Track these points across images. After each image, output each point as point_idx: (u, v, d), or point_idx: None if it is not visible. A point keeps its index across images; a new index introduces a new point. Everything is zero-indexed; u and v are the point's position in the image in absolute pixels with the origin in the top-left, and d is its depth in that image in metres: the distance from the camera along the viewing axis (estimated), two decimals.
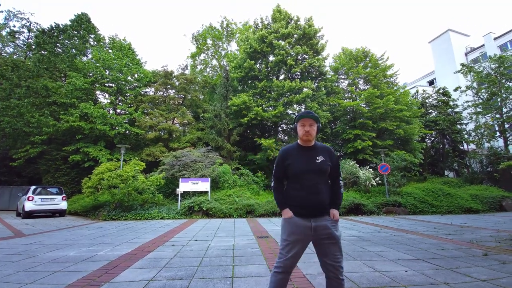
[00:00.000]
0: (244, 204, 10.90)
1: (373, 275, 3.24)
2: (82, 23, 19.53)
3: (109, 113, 17.20)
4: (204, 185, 12.02)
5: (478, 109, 17.47)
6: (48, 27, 18.57)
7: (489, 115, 17.15)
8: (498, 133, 17.06)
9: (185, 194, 12.21)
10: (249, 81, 18.75)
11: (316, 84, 17.52)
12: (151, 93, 20.23)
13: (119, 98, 18.51)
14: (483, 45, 28.34)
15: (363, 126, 16.44)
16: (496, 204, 11.55)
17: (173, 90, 19.95)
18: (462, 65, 18.37)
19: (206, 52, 27.56)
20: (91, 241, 5.81)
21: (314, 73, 17.99)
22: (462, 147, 19.47)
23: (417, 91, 22.78)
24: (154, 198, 11.73)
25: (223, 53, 26.96)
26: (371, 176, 13.17)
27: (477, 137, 17.72)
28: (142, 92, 19.34)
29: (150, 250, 4.80)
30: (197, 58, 27.66)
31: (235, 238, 5.96)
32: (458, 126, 19.08)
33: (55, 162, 16.72)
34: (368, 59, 18.53)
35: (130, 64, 18.64)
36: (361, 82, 19.01)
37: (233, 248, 4.85)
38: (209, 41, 27.01)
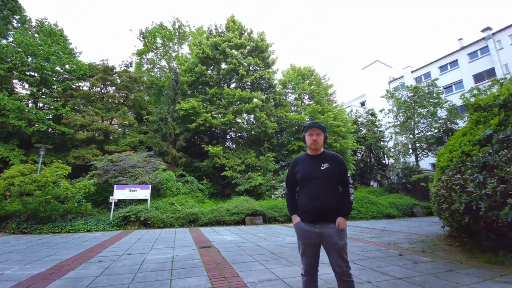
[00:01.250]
0: (187, 213, 10.37)
1: None
2: (8, 2, 16.34)
3: (28, 106, 14.58)
4: (143, 193, 11.05)
5: (397, 130, 20.79)
6: None
7: (405, 135, 20.51)
8: (411, 151, 20.44)
9: (121, 203, 11.01)
10: (200, 87, 18.36)
11: (266, 96, 18.19)
12: (86, 88, 17.95)
13: (43, 90, 15.87)
14: (403, 76, 33.95)
15: None
16: (409, 210, 13.61)
17: (114, 88, 18.08)
18: (386, 91, 21.65)
19: (155, 52, 25.96)
20: None
21: (264, 84, 18.68)
22: (384, 161, 22.61)
23: (351, 110, 25.77)
24: (80, 208, 10.22)
25: (173, 54, 25.83)
26: None
27: (395, 153, 20.91)
28: (74, 86, 16.96)
29: (70, 268, 4.14)
30: (144, 56, 25.80)
31: (175, 249, 5.60)
32: (382, 143, 22.16)
33: None
34: (313, 77, 20.18)
35: (61, 53, 16.28)
36: (306, 98, 20.52)
37: (172, 261, 4.54)
38: (159, 40, 25.57)
